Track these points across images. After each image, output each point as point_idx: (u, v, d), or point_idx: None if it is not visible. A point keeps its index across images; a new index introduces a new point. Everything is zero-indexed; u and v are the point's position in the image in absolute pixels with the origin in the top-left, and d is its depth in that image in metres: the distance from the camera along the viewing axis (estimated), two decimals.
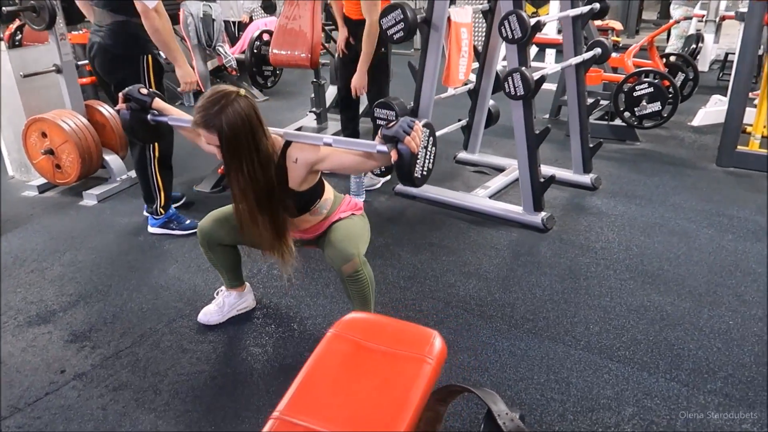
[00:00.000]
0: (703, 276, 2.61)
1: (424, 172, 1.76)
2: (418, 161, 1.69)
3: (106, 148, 3.78)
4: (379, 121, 3.22)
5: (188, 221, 3.11)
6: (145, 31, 2.66)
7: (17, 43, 4.30)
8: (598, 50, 3.37)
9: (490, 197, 3.38)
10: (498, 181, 3.55)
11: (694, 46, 6.16)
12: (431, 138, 1.76)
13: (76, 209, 3.53)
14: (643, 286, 2.55)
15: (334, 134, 3.61)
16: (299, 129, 4.55)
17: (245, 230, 1.94)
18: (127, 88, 2.02)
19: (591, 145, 3.49)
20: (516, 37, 2.67)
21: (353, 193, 3.63)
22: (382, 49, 3.42)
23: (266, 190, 1.84)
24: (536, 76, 2.76)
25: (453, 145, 4.20)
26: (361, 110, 3.90)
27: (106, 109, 3.77)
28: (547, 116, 5.13)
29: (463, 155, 4.02)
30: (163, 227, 3.14)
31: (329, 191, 2.09)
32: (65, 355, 2.22)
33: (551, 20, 3.33)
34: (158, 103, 2.07)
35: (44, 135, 3.57)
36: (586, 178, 3.54)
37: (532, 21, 2.68)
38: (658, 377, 2.01)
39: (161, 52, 2.81)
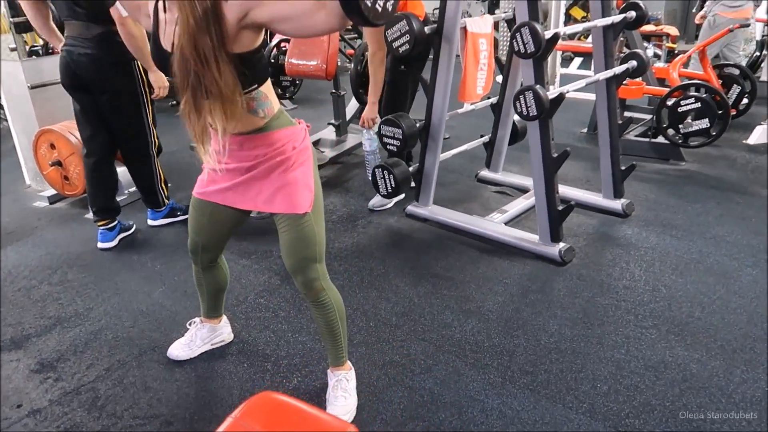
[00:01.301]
0: (740, 328, 2.26)
1: (380, 5, 1.29)
2: None
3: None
4: (385, 139, 3.01)
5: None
6: None
7: (41, 52, 4.31)
8: (634, 63, 3.04)
9: (506, 223, 3.10)
10: (517, 205, 3.27)
11: (758, 53, 5.65)
12: None
13: (80, 222, 3.46)
14: (666, 336, 2.22)
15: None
16: (317, 141, 4.38)
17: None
18: None
19: (623, 168, 3.15)
20: (529, 51, 2.40)
21: (368, 153, 3.43)
22: (401, 67, 3.19)
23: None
24: (555, 93, 2.47)
25: (475, 162, 3.93)
26: None
27: None
28: (585, 130, 4.78)
29: (484, 173, 3.75)
30: (168, 216, 3.33)
31: (272, 96, 1.66)
32: (26, 387, 2.11)
33: (573, 31, 3.00)
34: None
35: (53, 146, 3.53)
36: (617, 204, 3.20)
37: (548, 33, 2.40)
38: None
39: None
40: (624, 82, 3.92)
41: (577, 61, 6.53)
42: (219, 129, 1.56)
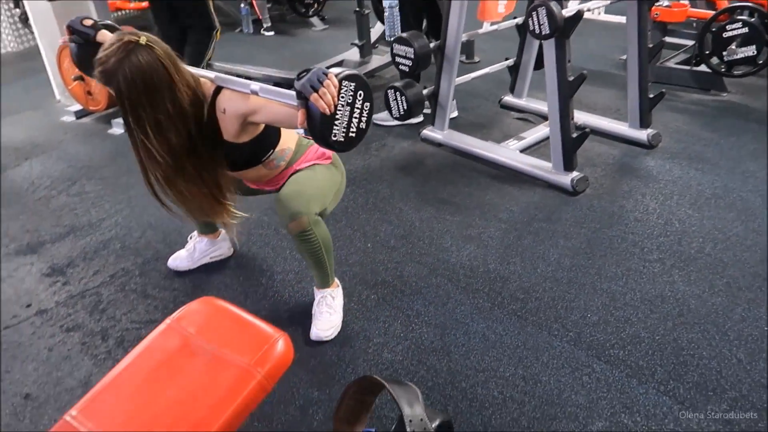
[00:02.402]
0: (751, 266, 2.15)
1: (350, 134, 1.43)
2: (337, 122, 1.39)
3: None
4: (397, 59, 2.90)
5: None
6: None
7: None
8: None
9: (522, 150, 3.00)
10: (536, 133, 3.14)
11: None
12: (360, 92, 1.42)
13: (103, 137, 3.54)
14: (670, 271, 2.14)
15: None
16: (341, 62, 4.27)
17: (164, 197, 1.71)
18: (70, 20, 1.85)
19: (651, 96, 2.96)
20: None
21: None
22: None
23: (184, 149, 1.60)
24: (572, 11, 2.30)
25: (502, 87, 3.77)
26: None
27: None
28: (624, 57, 4.49)
29: (508, 99, 3.59)
30: None
31: (289, 140, 1.85)
32: (37, 289, 2.23)
33: None
34: (103, 35, 1.88)
35: None
36: (642, 134, 3.03)
37: None
38: (649, 388, 1.68)
39: None
40: (666, 4, 3.63)
41: None
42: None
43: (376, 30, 4.35)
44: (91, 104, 3.68)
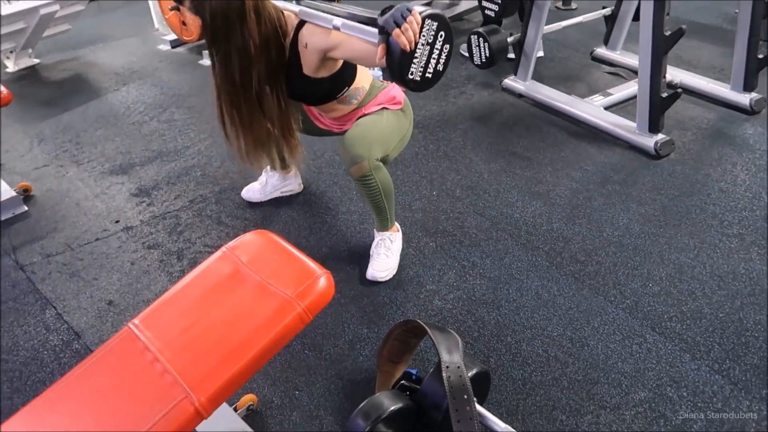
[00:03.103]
0: None
1: (427, 74, 1.45)
2: (415, 60, 1.40)
3: None
4: (483, 2, 2.80)
5: None
6: None
7: None
8: None
9: (607, 107, 2.85)
10: (625, 89, 2.97)
11: None
12: (441, 33, 1.42)
13: (194, 67, 3.69)
14: (749, 248, 2.02)
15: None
16: (429, 3, 4.16)
17: (231, 130, 1.82)
18: None
19: (761, 56, 2.71)
20: None
21: None
22: None
23: (261, 80, 1.67)
24: None
25: (593, 37, 3.56)
26: None
27: None
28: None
29: (601, 51, 3.39)
30: None
31: (364, 80, 1.87)
32: (125, 207, 2.42)
33: None
34: None
35: None
36: (744, 98, 2.79)
37: None
38: (702, 365, 1.63)
39: None
40: None
41: None
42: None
43: None
44: (185, 35, 3.83)
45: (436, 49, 1.43)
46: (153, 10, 4.25)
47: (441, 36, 1.42)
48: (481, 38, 2.83)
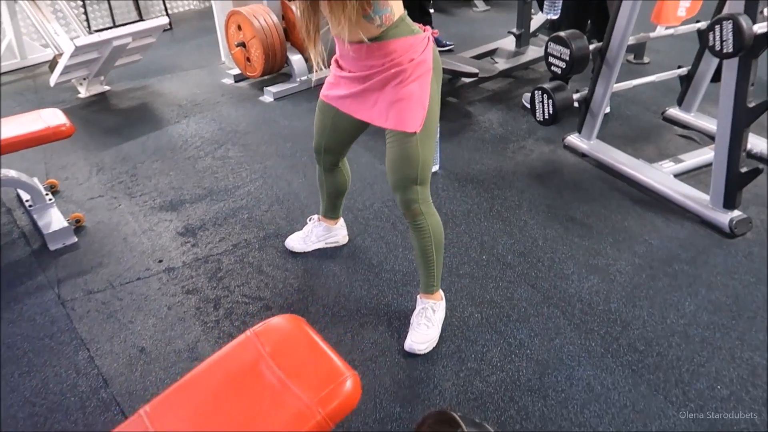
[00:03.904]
0: None
1: None
2: None
3: (294, 48, 3.87)
4: (550, 59, 2.69)
5: None
6: None
7: None
8: None
9: (677, 175, 2.67)
10: (699, 156, 2.77)
11: None
12: None
13: (254, 103, 3.72)
14: None
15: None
16: (494, 51, 4.09)
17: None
18: None
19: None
20: None
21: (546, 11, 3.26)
22: None
23: None
24: (762, 28, 1.96)
25: (666, 95, 3.38)
26: None
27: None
28: None
29: (673, 112, 3.21)
30: None
31: (395, 4, 1.55)
32: (170, 246, 2.41)
33: None
34: None
35: (239, 28, 3.76)
36: None
37: None
38: None
39: None
40: None
41: None
42: (332, 30, 1.54)
43: (538, 19, 4.10)
44: (248, 71, 3.89)
45: None
46: (221, 43, 4.35)
47: None
48: (545, 95, 2.71)
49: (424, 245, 1.80)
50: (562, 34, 2.58)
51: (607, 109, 3.25)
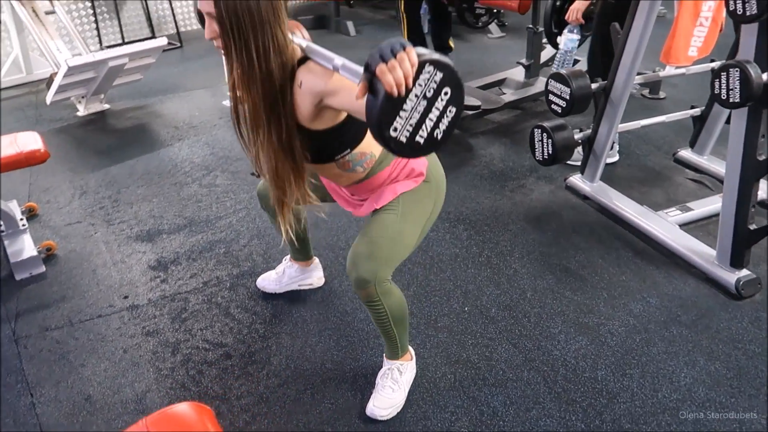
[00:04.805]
0: None
1: (418, 138, 1.08)
2: (403, 113, 1.04)
3: None
4: (551, 96, 2.54)
5: None
6: None
7: None
8: None
9: (683, 225, 2.48)
10: (708, 205, 2.59)
11: None
12: (446, 89, 1.07)
13: None
14: None
15: None
16: (502, 81, 3.95)
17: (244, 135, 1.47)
18: None
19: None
20: (751, 12, 1.73)
21: (561, 53, 3.12)
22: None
23: (266, 98, 1.32)
24: None
25: (679, 133, 3.21)
26: None
27: None
28: None
29: (685, 154, 3.02)
30: None
31: (374, 145, 1.50)
32: (139, 281, 2.30)
33: None
34: None
35: None
36: None
37: None
38: None
39: None
40: None
41: None
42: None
43: (549, 50, 3.94)
44: None
45: (437, 108, 1.07)
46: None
47: (446, 93, 1.07)
48: (544, 134, 2.56)
49: (382, 322, 1.64)
50: (563, 71, 2.44)
51: (616, 157, 3.08)
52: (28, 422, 1.72)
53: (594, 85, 2.46)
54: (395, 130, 1.05)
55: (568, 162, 2.92)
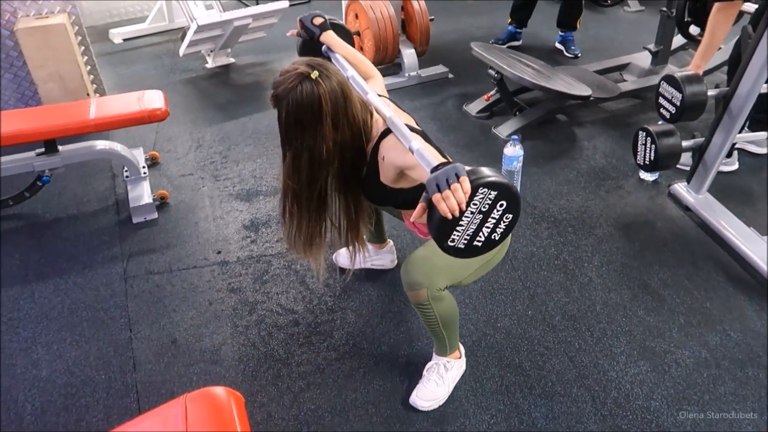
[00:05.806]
0: None
1: (476, 242, 1.23)
2: (460, 227, 1.20)
3: (408, 41, 3.80)
4: (660, 99, 2.39)
5: None
6: None
7: None
8: None
9: None
10: None
11: None
12: (502, 203, 1.20)
13: None
14: None
15: None
16: (626, 66, 3.70)
17: (288, 221, 1.68)
18: (303, 15, 1.94)
19: None
20: None
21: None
22: None
23: (327, 183, 1.60)
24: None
25: None
26: None
27: (419, 4, 3.71)
28: None
29: None
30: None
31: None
32: (232, 238, 2.53)
33: None
34: (327, 37, 1.92)
35: (357, 17, 3.75)
36: None
37: None
38: None
39: None
40: None
41: None
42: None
43: (681, 37, 3.61)
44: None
45: (493, 217, 1.22)
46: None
47: (501, 206, 1.21)
48: (649, 137, 2.41)
49: (429, 323, 1.70)
50: (677, 74, 2.26)
51: (735, 166, 2.82)
52: (124, 355, 2.00)
53: (712, 92, 2.26)
54: (452, 240, 1.22)
55: (678, 166, 2.73)
